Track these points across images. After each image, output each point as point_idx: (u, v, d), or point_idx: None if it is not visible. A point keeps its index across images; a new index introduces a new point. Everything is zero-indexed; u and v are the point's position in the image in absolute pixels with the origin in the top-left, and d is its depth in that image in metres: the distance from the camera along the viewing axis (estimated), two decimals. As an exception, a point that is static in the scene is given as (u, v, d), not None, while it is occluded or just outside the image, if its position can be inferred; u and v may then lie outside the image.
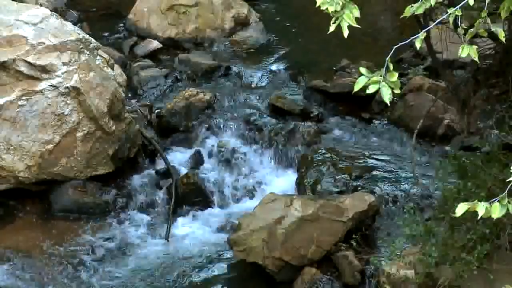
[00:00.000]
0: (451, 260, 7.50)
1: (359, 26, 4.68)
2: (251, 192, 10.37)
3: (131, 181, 10.34)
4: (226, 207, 10.25)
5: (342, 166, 10.16)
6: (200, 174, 10.46)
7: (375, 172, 10.18)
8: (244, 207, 10.08)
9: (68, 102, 9.74)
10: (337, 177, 9.96)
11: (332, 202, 9.16)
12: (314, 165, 10.18)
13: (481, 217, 4.50)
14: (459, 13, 4.65)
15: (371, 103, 11.28)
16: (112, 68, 10.46)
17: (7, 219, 9.78)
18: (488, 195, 6.45)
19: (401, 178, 10.08)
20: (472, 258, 7.35)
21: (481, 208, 4.48)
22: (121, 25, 13.54)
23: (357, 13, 4.66)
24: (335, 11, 4.63)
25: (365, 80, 4.58)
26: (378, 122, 11.27)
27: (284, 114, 11.25)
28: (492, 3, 4.83)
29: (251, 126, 11.01)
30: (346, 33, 4.64)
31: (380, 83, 4.55)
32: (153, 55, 12.74)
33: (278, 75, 12.28)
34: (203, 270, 9.30)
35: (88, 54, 9.96)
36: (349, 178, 9.96)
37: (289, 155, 10.68)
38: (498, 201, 4.47)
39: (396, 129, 11.07)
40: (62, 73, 9.70)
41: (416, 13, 4.80)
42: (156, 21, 13.25)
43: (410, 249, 8.07)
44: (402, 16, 4.89)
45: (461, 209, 4.53)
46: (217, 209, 10.21)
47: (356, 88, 4.62)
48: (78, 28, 10.54)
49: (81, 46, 9.90)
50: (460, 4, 4.64)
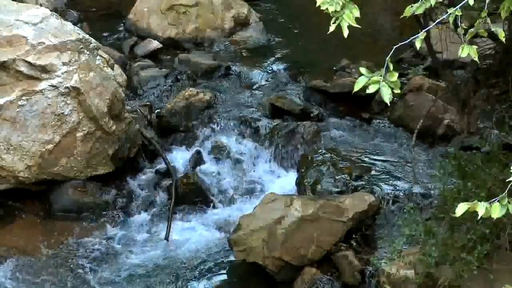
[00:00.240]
0: (451, 260, 7.50)
1: (359, 26, 4.68)
2: (251, 192, 10.37)
3: (131, 181, 10.34)
4: (226, 207, 10.24)
5: (342, 166, 10.15)
6: (200, 174, 10.46)
7: (375, 172, 10.17)
8: (244, 207, 10.07)
9: (68, 102, 9.74)
10: (337, 177, 9.95)
11: (332, 202, 9.16)
12: (314, 165, 10.18)
13: (481, 217, 4.50)
14: (459, 13, 4.65)
15: (371, 103, 11.28)
16: (112, 68, 10.46)
17: (7, 219, 9.78)
18: (488, 195, 6.45)
19: (401, 178, 10.07)
20: (472, 258, 7.35)
21: (481, 208, 4.48)
22: (121, 25, 13.54)
23: (357, 13, 4.66)
24: (335, 11, 4.63)
25: (365, 80, 4.58)
26: (378, 122, 11.25)
27: (284, 114, 11.24)
28: (492, 3, 4.83)
29: (251, 126, 11.00)
30: (346, 33, 4.64)
31: (380, 83, 4.55)
32: (153, 55, 12.73)
33: (278, 75, 12.27)
34: (203, 270, 9.30)
35: (88, 54, 9.96)
36: (349, 178, 9.94)
37: (289, 155, 10.67)
38: (498, 201, 4.47)
39: (396, 129, 11.06)
40: (62, 73, 9.70)
41: (416, 13, 4.80)
42: (156, 21, 13.24)
43: (410, 249, 8.07)
44: (402, 16, 4.89)
45: (461, 209, 4.53)
46: (217, 209, 10.20)
47: (356, 88, 4.62)
48: (78, 28, 10.53)
49: (81, 46, 9.90)
50: (460, 4, 4.64)
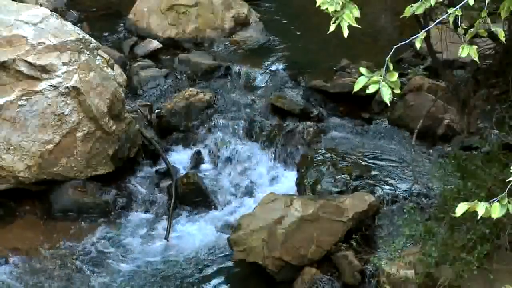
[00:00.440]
0: (451, 260, 7.49)
1: (359, 26, 4.68)
2: (251, 192, 10.37)
3: (131, 181, 10.35)
4: (226, 207, 10.24)
5: (342, 166, 10.15)
6: (200, 174, 10.47)
7: (375, 172, 10.16)
8: (244, 207, 10.08)
9: (68, 102, 9.74)
10: (337, 177, 9.95)
11: (332, 202, 9.16)
12: (314, 165, 10.17)
13: (481, 217, 4.50)
14: (459, 13, 4.65)
15: (371, 103, 11.28)
16: (112, 68, 10.46)
17: (7, 219, 9.78)
18: (488, 195, 6.44)
19: (401, 178, 10.06)
20: (472, 258, 7.35)
21: (481, 208, 4.47)
22: (121, 25, 13.53)
23: (357, 13, 4.66)
24: (335, 11, 4.62)
25: (365, 80, 4.58)
26: (378, 122, 11.25)
27: (284, 114, 11.24)
28: (492, 3, 4.83)
29: (251, 126, 11.01)
30: (346, 33, 4.64)
31: (380, 83, 4.54)
32: (153, 55, 12.73)
33: (278, 75, 12.26)
34: (203, 270, 9.30)
35: (88, 54, 9.96)
36: (349, 178, 9.94)
37: (289, 155, 10.68)
38: (498, 201, 4.47)
39: (396, 129, 11.06)
40: (62, 73, 9.70)
41: (416, 13, 4.80)
42: (156, 21, 13.24)
43: (410, 249, 8.07)
44: (402, 16, 4.89)
45: (461, 209, 4.53)
46: (217, 209, 10.21)
47: (356, 88, 4.61)
48: (78, 28, 10.54)
49: (81, 46, 9.90)
50: (460, 4, 4.64)
